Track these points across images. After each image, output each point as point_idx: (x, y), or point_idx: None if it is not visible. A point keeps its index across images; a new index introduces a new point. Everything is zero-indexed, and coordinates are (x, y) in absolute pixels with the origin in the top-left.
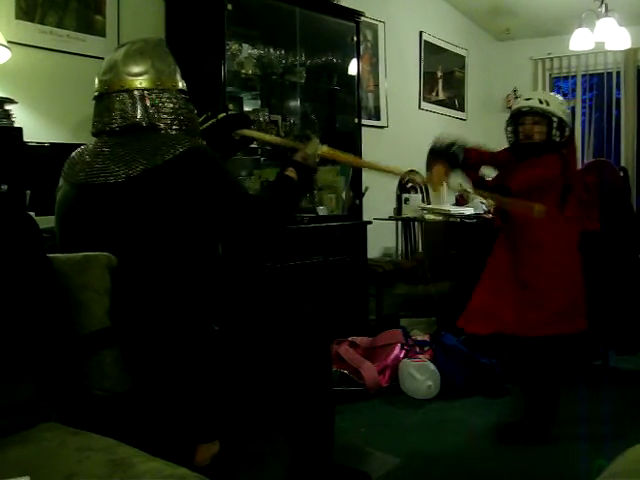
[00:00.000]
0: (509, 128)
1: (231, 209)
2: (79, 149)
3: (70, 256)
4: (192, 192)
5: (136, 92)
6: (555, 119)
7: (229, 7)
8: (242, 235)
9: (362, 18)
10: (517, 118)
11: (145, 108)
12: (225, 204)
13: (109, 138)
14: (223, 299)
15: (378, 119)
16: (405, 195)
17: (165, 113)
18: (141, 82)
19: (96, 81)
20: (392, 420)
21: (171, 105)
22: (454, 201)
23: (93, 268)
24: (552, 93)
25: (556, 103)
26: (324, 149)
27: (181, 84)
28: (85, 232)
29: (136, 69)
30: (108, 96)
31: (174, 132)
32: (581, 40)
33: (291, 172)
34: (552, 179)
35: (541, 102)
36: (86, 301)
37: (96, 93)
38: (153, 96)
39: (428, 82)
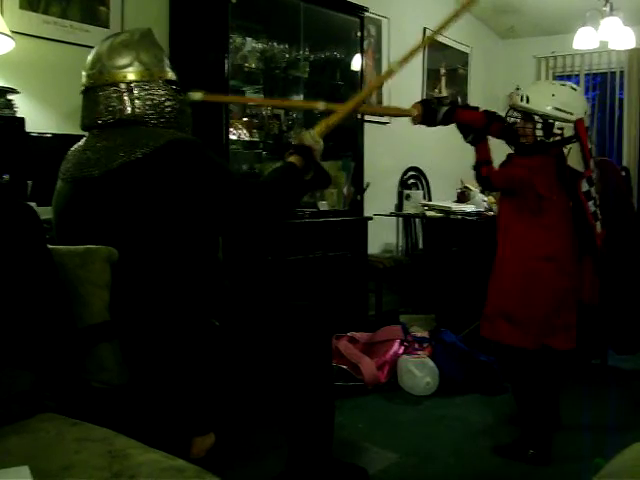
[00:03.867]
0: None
1: (221, 196)
2: (74, 145)
3: (71, 248)
4: (178, 184)
5: (122, 85)
6: (537, 118)
7: (233, 0)
8: (236, 223)
9: (366, 14)
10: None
11: (131, 101)
12: (215, 192)
13: (97, 132)
14: (223, 294)
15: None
16: (406, 191)
17: (152, 105)
18: (126, 75)
19: (83, 74)
20: (390, 416)
21: (158, 96)
22: (455, 198)
23: (94, 261)
24: (552, 82)
25: (540, 97)
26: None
27: (170, 75)
28: (74, 227)
29: (121, 62)
30: (94, 90)
31: (161, 124)
32: (585, 39)
33: (294, 157)
34: (526, 181)
35: (522, 99)
36: (86, 294)
37: (83, 87)
38: (139, 88)
39: (431, 79)
